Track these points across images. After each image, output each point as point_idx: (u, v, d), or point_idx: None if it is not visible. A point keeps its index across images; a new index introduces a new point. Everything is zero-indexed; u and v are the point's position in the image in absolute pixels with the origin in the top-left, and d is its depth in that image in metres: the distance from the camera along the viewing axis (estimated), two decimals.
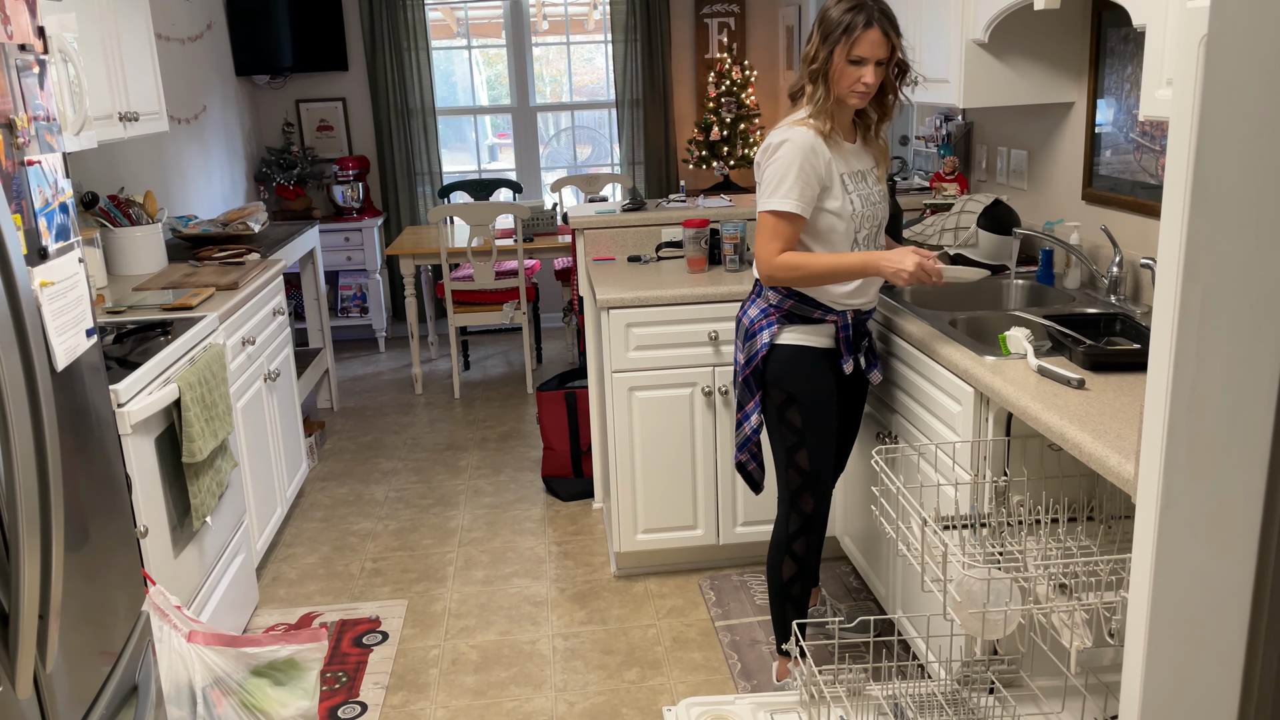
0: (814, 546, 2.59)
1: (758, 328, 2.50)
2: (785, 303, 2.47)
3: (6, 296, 1.46)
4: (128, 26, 3.39)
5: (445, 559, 3.59)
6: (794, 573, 2.59)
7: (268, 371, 3.60)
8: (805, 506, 2.55)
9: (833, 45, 2.30)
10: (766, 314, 2.50)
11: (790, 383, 2.48)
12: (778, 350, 2.48)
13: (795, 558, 2.58)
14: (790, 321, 2.48)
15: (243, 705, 2.30)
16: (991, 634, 1.78)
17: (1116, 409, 1.92)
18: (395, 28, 6.02)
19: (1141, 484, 1.27)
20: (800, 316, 2.47)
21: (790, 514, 2.57)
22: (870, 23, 2.28)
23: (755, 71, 6.17)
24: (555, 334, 6.51)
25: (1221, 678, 1.07)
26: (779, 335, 2.48)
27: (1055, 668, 2.13)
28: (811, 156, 2.33)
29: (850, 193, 2.41)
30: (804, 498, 2.55)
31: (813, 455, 2.52)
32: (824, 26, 2.33)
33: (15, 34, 1.68)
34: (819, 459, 2.52)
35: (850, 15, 2.28)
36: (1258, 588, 1.01)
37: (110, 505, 1.94)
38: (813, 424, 2.50)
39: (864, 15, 2.28)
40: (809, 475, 2.53)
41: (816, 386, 2.49)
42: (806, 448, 2.51)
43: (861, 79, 2.31)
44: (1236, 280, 1.03)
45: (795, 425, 2.50)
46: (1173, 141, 1.16)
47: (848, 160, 2.43)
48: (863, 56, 2.29)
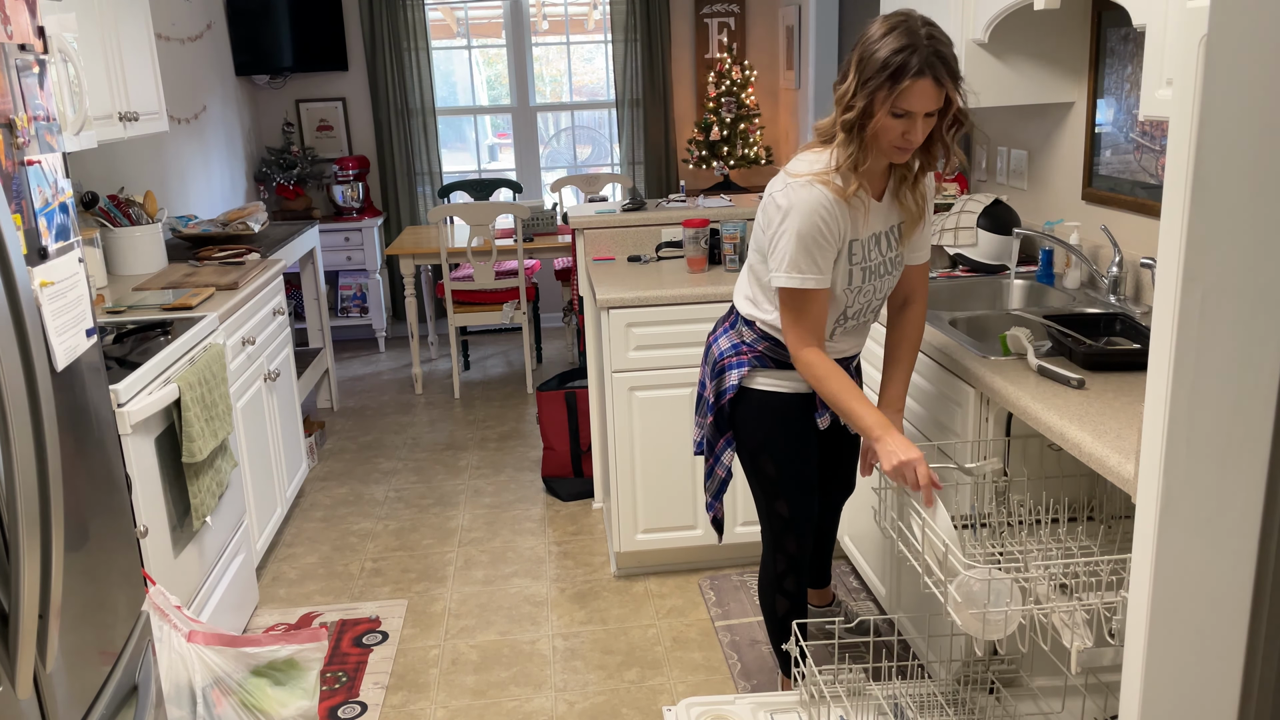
0: (802, 580, 2.47)
1: (727, 364, 2.31)
2: (760, 343, 2.27)
3: (6, 296, 1.46)
4: (128, 26, 3.39)
5: (445, 559, 3.59)
6: (788, 608, 2.47)
7: (268, 371, 3.60)
8: (790, 548, 2.42)
9: (873, 90, 1.88)
10: (738, 351, 2.30)
11: (761, 431, 2.30)
12: (747, 395, 2.29)
13: (787, 594, 2.46)
14: (763, 365, 2.27)
15: (243, 705, 2.30)
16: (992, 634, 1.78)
17: (1116, 409, 1.92)
18: (395, 28, 6.02)
19: (1141, 484, 1.27)
20: (774, 360, 2.27)
21: (776, 555, 2.44)
22: (923, 70, 1.85)
23: (755, 71, 6.17)
24: (555, 334, 6.51)
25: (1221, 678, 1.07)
26: (749, 379, 2.28)
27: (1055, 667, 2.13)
28: (825, 223, 2.03)
29: (854, 263, 2.12)
30: (787, 540, 2.41)
31: (793, 503, 2.36)
32: (864, 66, 1.90)
33: (15, 34, 1.68)
34: (799, 506, 2.37)
35: (900, 57, 1.85)
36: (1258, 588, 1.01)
37: (110, 505, 1.94)
38: (788, 473, 2.33)
39: (916, 59, 1.85)
40: (789, 521, 2.38)
41: (791, 434, 2.30)
42: (785, 497, 2.36)
43: (906, 135, 1.93)
44: (1236, 280, 1.03)
45: (769, 474, 2.35)
46: (1173, 141, 1.16)
47: (868, 221, 2.10)
48: (910, 110, 1.89)
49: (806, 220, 2.01)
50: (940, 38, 1.90)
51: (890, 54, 1.85)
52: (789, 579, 2.46)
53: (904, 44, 1.85)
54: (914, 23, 1.89)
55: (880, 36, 1.88)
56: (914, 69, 1.85)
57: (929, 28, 1.90)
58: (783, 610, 2.49)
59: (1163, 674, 1.23)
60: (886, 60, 1.86)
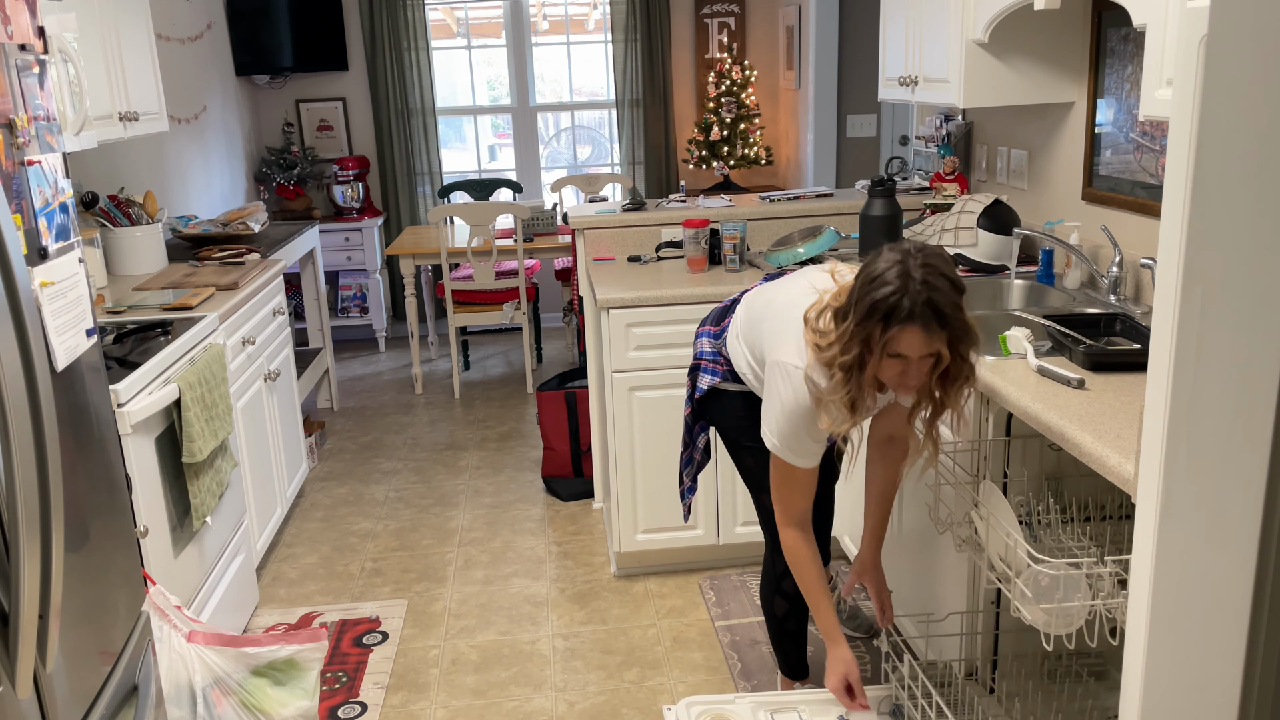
0: None
1: (703, 366, 2.35)
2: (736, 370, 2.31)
3: (6, 296, 1.46)
4: (128, 26, 3.39)
5: (445, 559, 3.59)
6: (786, 610, 2.47)
7: (268, 371, 3.60)
8: None
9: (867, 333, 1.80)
10: (715, 360, 2.33)
11: (736, 424, 2.33)
12: (720, 393, 2.33)
13: (786, 596, 2.45)
14: (734, 379, 2.31)
15: (243, 705, 2.29)
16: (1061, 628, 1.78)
17: (1116, 409, 1.92)
18: (395, 28, 6.02)
19: (1141, 484, 1.27)
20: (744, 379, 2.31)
21: (776, 556, 2.42)
22: (912, 316, 1.74)
23: (755, 71, 6.17)
24: (555, 334, 6.51)
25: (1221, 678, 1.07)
26: (720, 385, 2.32)
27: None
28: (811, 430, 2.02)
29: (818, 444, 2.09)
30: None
31: None
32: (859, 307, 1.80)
33: (15, 34, 1.68)
34: None
35: (891, 301, 1.75)
36: (1258, 588, 1.01)
37: (110, 505, 1.94)
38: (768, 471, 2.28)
39: (907, 302, 1.74)
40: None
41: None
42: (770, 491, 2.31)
43: (904, 375, 1.84)
44: (1236, 280, 1.03)
45: (751, 469, 2.35)
46: (1173, 141, 1.16)
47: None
48: (903, 354, 1.81)
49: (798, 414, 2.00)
50: (935, 283, 1.75)
51: (882, 297, 1.76)
52: (788, 580, 2.44)
53: (896, 288, 1.75)
54: (911, 263, 1.77)
55: (877, 275, 1.79)
56: (903, 315, 1.75)
57: (926, 269, 1.76)
58: (781, 611, 2.49)
59: (1163, 674, 1.23)
60: (875, 304, 1.77)
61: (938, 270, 1.76)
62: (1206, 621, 1.11)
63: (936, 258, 1.78)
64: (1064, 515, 2.06)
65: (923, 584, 2.57)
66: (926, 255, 1.78)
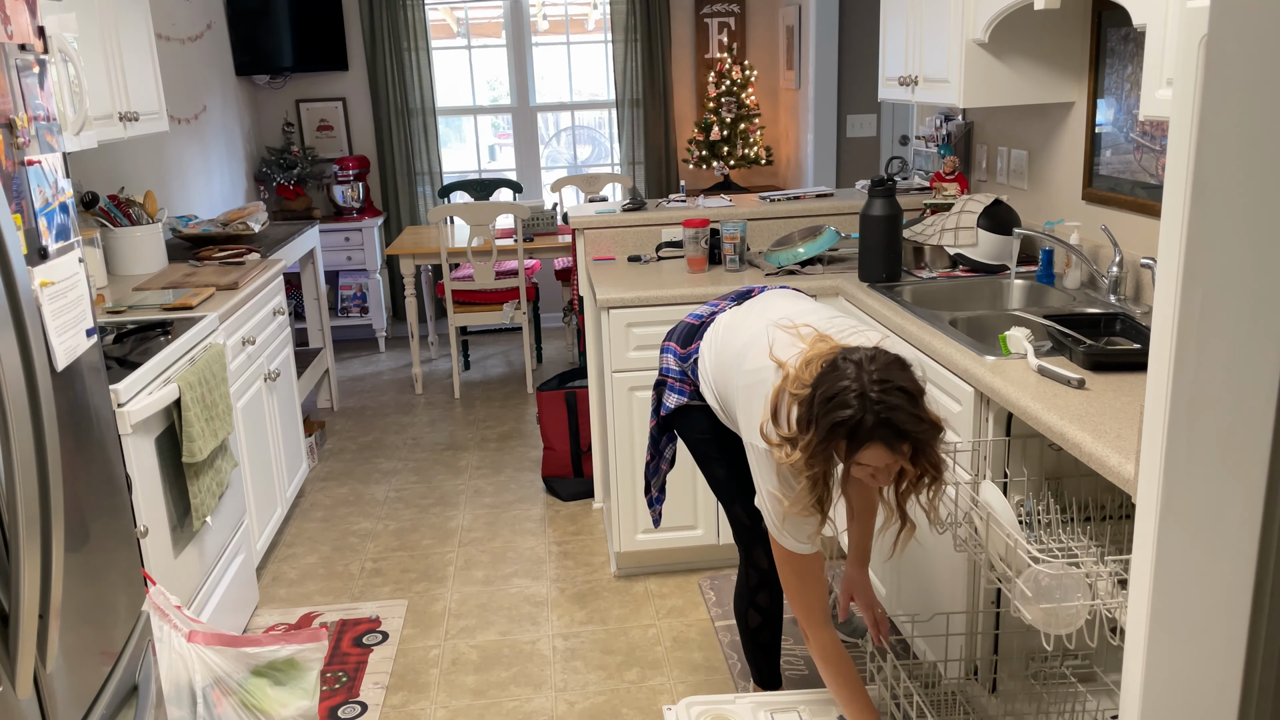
0: (778, 597, 2.39)
1: (669, 384, 2.31)
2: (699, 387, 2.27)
3: (6, 296, 1.46)
4: (128, 26, 3.39)
5: (445, 559, 3.59)
6: (760, 623, 2.43)
7: (268, 371, 3.60)
8: (760, 562, 2.35)
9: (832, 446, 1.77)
10: (682, 379, 2.29)
11: (702, 436, 2.29)
12: (688, 409, 2.29)
13: (760, 609, 2.41)
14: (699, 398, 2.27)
15: (243, 705, 2.29)
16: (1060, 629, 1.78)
17: (1116, 409, 1.92)
18: (395, 28, 6.02)
19: (1141, 484, 1.27)
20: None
21: (748, 569, 2.38)
22: (873, 436, 1.72)
23: (755, 71, 6.17)
24: (555, 334, 6.51)
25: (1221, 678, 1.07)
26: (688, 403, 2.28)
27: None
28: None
29: None
30: (756, 552, 2.35)
31: (749, 509, 2.29)
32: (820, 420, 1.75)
33: (15, 34, 1.68)
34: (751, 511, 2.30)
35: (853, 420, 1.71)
36: (1258, 588, 1.01)
37: (110, 505, 1.94)
38: (740, 479, 2.27)
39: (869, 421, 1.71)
40: (751, 529, 2.33)
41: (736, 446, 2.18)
42: (739, 502, 2.31)
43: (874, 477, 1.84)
44: (1236, 280, 1.03)
45: (721, 479, 2.32)
46: (1173, 141, 1.16)
47: None
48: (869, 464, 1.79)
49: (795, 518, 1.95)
50: (891, 401, 1.71)
51: (843, 420, 1.72)
52: (762, 594, 2.39)
53: (855, 410, 1.71)
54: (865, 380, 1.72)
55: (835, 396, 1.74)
56: (864, 435, 1.72)
57: (882, 387, 1.72)
58: (754, 624, 2.44)
59: (1163, 674, 1.23)
60: (837, 425, 1.73)
61: (892, 385, 1.72)
62: (1206, 621, 1.11)
63: (891, 369, 1.75)
64: (1064, 515, 2.05)
65: (923, 584, 2.57)
66: (880, 369, 1.74)
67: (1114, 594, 1.77)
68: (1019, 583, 1.80)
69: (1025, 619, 1.81)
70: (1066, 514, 2.06)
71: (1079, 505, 2.07)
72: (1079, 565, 1.79)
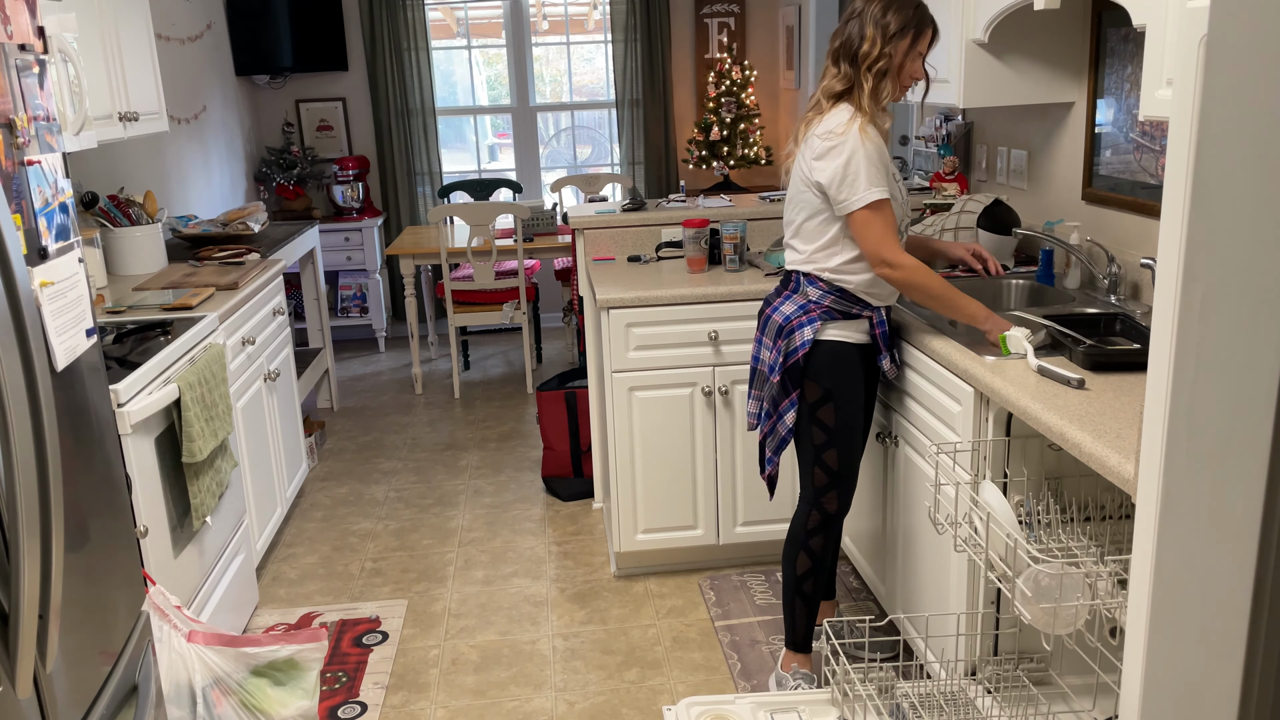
0: (832, 544, 2.59)
1: (796, 324, 2.49)
2: (826, 299, 2.47)
3: (6, 296, 1.46)
4: (128, 26, 3.39)
5: (445, 559, 3.59)
6: (808, 568, 2.59)
7: (268, 371, 3.60)
8: (829, 506, 2.55)
9: (906, 39, 2.37)
10: (806, 310, 2.49)
11: (829, 379, 2.48)
12: (820, 346, 2.48)
13: (811, 554, 2.58)
14: (831, 318, 2.47)
15: (243, 705, 2.30)
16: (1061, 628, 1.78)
17: (1116, 409, 1.92)
18: (395, 28, 6.02)
19: (1141, 484, 1.27)
20: (840, 312, 2.48)
21: (811, 511, 2.57)
22: (933, 21, 2.42)
23: (755, 71, 6.16)
24: (555, 334, 6.51)
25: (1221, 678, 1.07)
26: (821, 331, 2.47)
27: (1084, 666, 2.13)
28: (880, 150, 2.39)
29: (896, 182, 2.46)
30: (828, 497, 2.55)
31: (842, 455, 2.52)
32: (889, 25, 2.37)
33: (15, 34, 1.68)
34: (847, 459, 2.53)
35: (919, 13, 2.39)
36: (1258, 588, 1.01)
37: (110, 505, 1.94)
38: (845, 422, 2.50)
39: (928, 14, 2.41)
40: (836, 475, 2.53)
41: (853, 383, 2.50)
42: (836, 447, 2.51)
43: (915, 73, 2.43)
44: (1236, 280, 1.03)
45: (828, 424, 2.50)
46: (1173, 141, 1.16)
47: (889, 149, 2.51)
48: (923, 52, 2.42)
49: (870, 148, 2.36)
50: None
51: (914, 11, 2.38)
52: (817, 538, 2.57)
53: (917, 5, 2.39)
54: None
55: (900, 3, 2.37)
56: (930, 20, 2.40)
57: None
58: (803, 569, 2.58)
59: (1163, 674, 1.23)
60: (912, 16, 2.37)
61: None
62: (1206, 621, 1.11)
63: None
64: (1064, 515, 2.06)
65: (923, 584, 2.57)
66: None
67: (1114, 594, 1.77)
68: (1019, 583, 1.80)
69: (1025, 619, 1.81)
70: (1066, 514, 2.06)
71: (1079, 505, 2.07)
72: (1079, 565, 1.79)
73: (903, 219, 2.47)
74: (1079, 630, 1.82)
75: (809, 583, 2.60)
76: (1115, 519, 2.05)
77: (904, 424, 2.64)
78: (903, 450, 2.64)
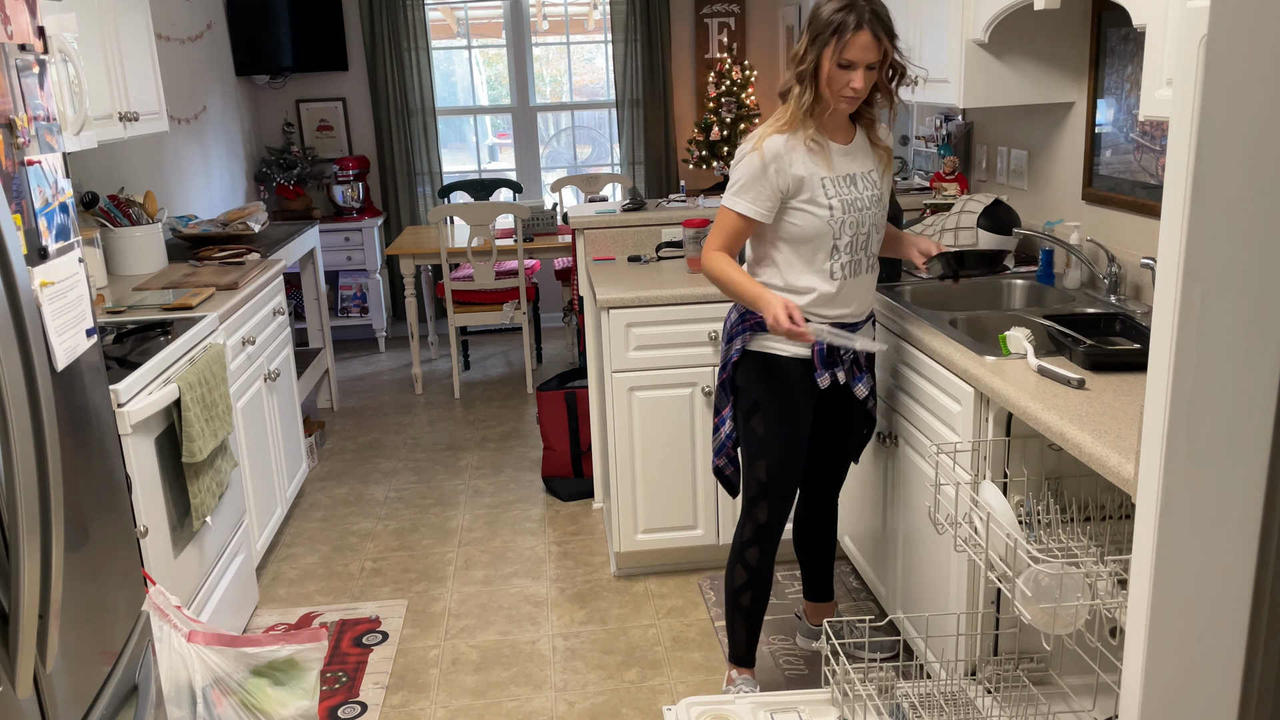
0: (767, 557, 2.51)
1: (734, 332, 2.46)
2: None
3: (6, 296, 1.46)
4: (128, 26, 3.39)
5: (445, 559, 3.59)
6: (744, 581, 2.52)
7: (268, 371, 3.60)
8: (760, 516, 2.48)
9: (821, 46, 2.21)
10: (743, 319, 2.43)
11: (757, 389, 2.43)
12: (749, 356, 2.43)
13: (746, 566, 2.51)
14: (763, 329, 2.38)
15: (243, 705, 2.30)
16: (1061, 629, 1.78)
17: (1116, 409, 1.92)
18: (395, 28, 6.02)
19: (1141, 484, 1.27)
20: None
21: (746, 522, 2.51)
22: (860, 24, 2.17)
23: (755, 71, 6.16)
24: (555, 334, 6.51)
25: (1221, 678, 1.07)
26: (750, 342, 2.42)
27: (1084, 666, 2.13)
28: (775, 165, 2.28)
29: (831, 196, 2.31)
30: (759, 507, 2.48)
31: (770, 466, 2.45)
32: (813, 26, 2.23)
33: (15, 34, 1.68)
34: (777, 471, 2.45)
35: (840, 15, 2.17)
36: (1258, 588, 1.01)
37: (110, 505, 1.94)
38: (775, 433, 2.43)
39: (854, 16, 2.16)
40: (765, 486, 2.47)
41: (782, 396, 2.42)
42: (764, 458, 2.45)
43: (850, 84, 2.22)
44: (1236, 280, 1.03)
45: (758, 433, 2.45)
46: (1173, 141, 1.16)
47: (834, 162, 2.33)
48: (852, 60, 2.19)
49: (759, 158, 2.28)
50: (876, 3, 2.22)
51: (833, 12, 2.19)
52: (751, 549, 2.50)
53: (846, 3, 2.18)
54: None
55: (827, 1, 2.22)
56: (854, 24, 2.16)
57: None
58: (739, 581, 2.53)
59: (1163, 674, 1.23)
60: (830, 18, 2.19)
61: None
62: (1206, 621, 1.11)
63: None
64: (1064, 515, 2.06)
65: (923, 584, 2.57)
66: None
67: (1114, 594, 1.77)
68: (1019, 583, 1.80)
69: (1025, 619, 1.81)
70: (1066, 514, 2.06)
71: (1079, 505, 2.07)
72: (1079, 565, 1.79)
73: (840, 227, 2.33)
74: (1079, 630, 1.82)
75: (746, 595, 2.53)
76: (1115, 519, 2.05)
77: (904, 424, 2.64)
78: (903, 450, 2.64)
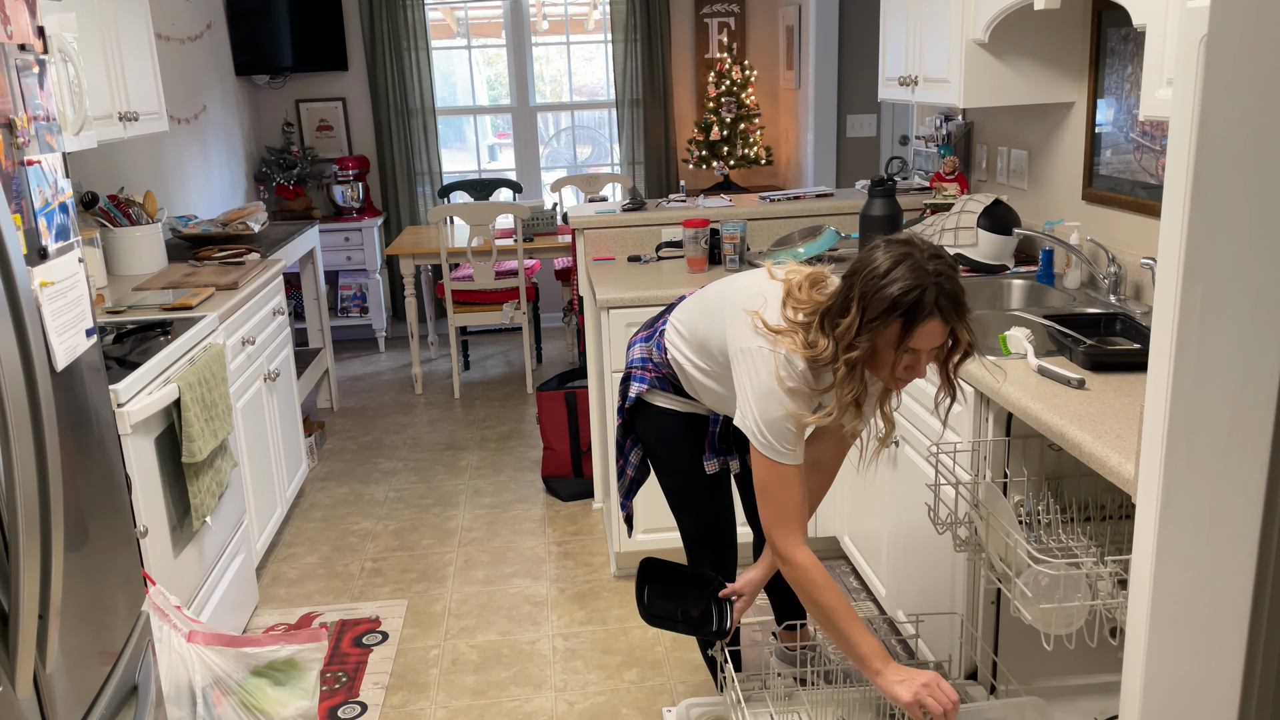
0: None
1: (633, 374, 2.23)
2: (665, 368, 2.18)
3: (6, 296, 1.46)
4: (128, 26, 3.39)
5: (445, 559, 3.59)
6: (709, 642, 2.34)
7: (268, 371, 3.60)
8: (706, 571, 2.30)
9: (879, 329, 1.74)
10: (644, 366, 2.21)
11: (659, 447, 2.24)
12: (645, 407, 2.22)
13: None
14: (661, 387, 2.19)
15: (243, 705, 2.29)
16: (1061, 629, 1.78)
17: (1116, 409, 1.92)
18: (395, 28, 6.02)
19: (1141, 484, 1.27)
20: (673, 386, 2.19)
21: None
22: (933, 312, 1.71)
23: (755, 71, 6.16)
24: (555, 334, 6.51)
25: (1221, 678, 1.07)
26: (647, 395, 2.21)
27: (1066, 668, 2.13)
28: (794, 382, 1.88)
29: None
30: (700, 560, 2.32)
31: (694, 520, 2.30)
32: (869, 303, 1.73)
33: (15, 34, 1.68)
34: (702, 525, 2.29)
35: (911, 297, 1.70)
36: (1258, 588, 1.01)
37: (110, 505, 1.94)
38: (680, 487, 2.27)
39: (928, 298, 1.70)
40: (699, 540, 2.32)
41: (681, 453, 2.21)
42: (686, 514, 2.30)
43: (909, 369, 1.80)
44: (1236, 280, 1.03)
45: (666, 486, 2.30)
46: (1173, 141, 1.16)
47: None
48: (918, 349, 1.76)
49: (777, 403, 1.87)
50: (946, 272, 1.74)
51: (899, 293, 1.71)
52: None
53: (912, 284, 1.70)
54: (920, 256, 1.73)
55: (886, 271, 1.72)
56: (926, 312, 1.71)
57: (936, 261, 1.73)
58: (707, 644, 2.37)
59: (1163, 674, 1.23)
60: (895, 300, 1.71)
61: (945, 260, 1.75)
62: (1206, 621, 1.11)
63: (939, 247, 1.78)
64: (1064, 515, 2.06)
65: (923, 584, 2.57)
66: (930, 246, 1.77)
67: (1114, 594, 1.77)
68: (1019, 583, 1.80)
69: (1025, 619, 1.81)
70: (1066, 514, 2.06)
71: (1079, 505, 2.07)
72: (1079, 565, 1.79)
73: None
74: (1079, 630, 1.82)
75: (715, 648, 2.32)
76: (1115, 519, 2.06)
77: (904, 424, 2.64)
78: (903, 450, 2.64)
